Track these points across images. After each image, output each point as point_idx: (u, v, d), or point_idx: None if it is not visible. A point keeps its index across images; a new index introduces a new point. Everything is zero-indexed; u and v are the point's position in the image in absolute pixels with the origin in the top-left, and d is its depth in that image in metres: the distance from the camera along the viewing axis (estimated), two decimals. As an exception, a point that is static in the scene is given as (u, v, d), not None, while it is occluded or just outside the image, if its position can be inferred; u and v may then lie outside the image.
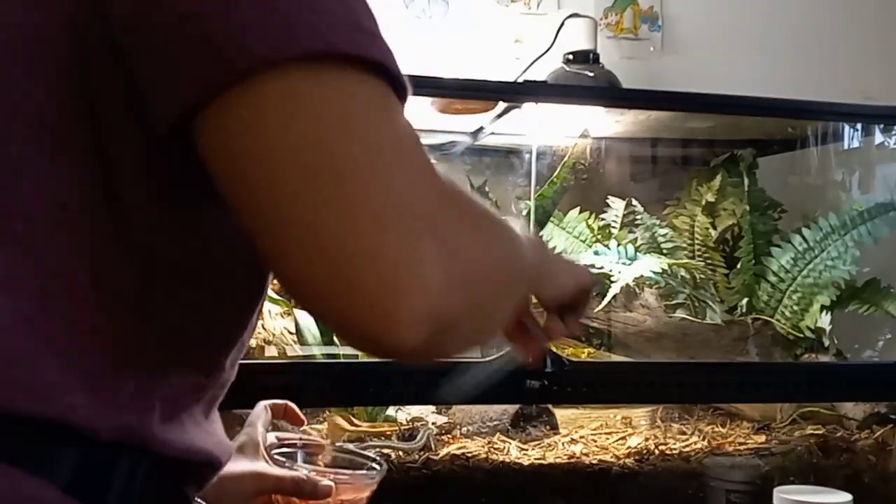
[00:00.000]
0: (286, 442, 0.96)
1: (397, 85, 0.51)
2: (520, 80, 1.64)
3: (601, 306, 1.55)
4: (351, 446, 1.08)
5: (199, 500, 0.70)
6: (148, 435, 0.56)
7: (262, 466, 0.88)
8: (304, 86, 0.47)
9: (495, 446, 1.40)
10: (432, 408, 1.48)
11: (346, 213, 0.46)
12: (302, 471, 0.90)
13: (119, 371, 0.54)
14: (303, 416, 1.00)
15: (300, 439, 0.98)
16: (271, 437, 0.95)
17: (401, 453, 1.33)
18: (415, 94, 0.54)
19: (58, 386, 0.52)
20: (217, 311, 0.61)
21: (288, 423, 1.01)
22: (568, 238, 1.70)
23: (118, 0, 0.50)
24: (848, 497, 1.10)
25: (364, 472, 0.95)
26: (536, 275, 0.71)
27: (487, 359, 1.32)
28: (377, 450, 1.32)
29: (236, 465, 0.84)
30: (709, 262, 1.67)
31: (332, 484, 0.89)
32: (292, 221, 0.47)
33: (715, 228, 1.70)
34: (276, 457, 0.91)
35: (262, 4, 0.48)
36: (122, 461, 0.55)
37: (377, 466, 0.96)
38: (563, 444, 1.43)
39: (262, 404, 0.97)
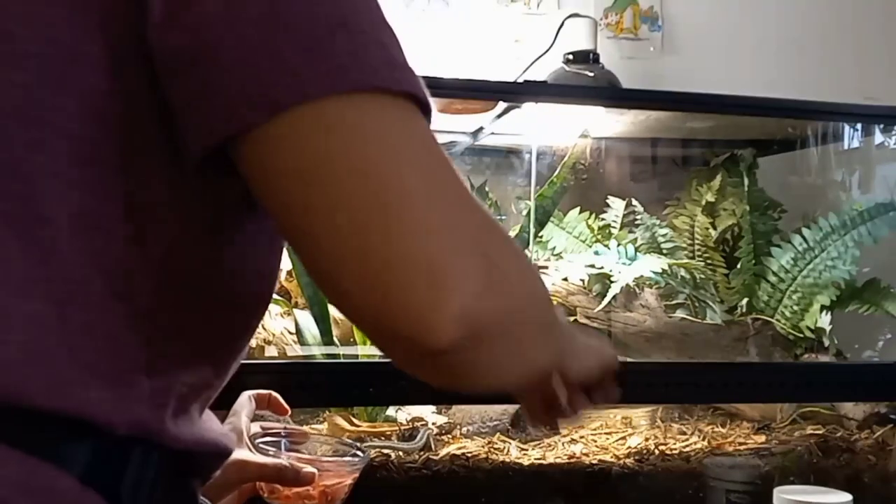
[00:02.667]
0: (270, 431, 0.97)
1: (425, 109, 0.54)
2: (520, 80, 1.64)
3: (601, 306, 1.56)
4: (336, 438, 1.08)
5: (203, 498, 0.71)
6: (161, 430, 0.58)
7: (244, 455, 0.90)
8: (348, 113, 0.50)
9: (495, 446, 1.40)
10: (432, 408, 1.48)
11: (399, 224, 0.49)
12: (285, 458, 0.91)
13: (133, 372, 0.56)
14: (286, 406, 1.01)
15: (284, 429, 0.99)
16: (255, 427, 0.96)
17: (401, 453, 1.33)
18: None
19: (74, 383, 0.54)
20: (229, 318, 0.62)
21: (272, 412, 1.02)
22: (568, 238, 1.70)
23: (160, 35, 0.52)
24: (848, 497, 1.10)
25: (347, 458, 0.96)
26: (568, 347, 0.72)
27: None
28: (377, 450, 1.32)
29: None
30: (709, 262, 1.67)
31: (314, 471, 0.90)
32: (339, 230, 0.49)
33: (715, 228, 1.70)
34: (260, 445, 0.91)
35: (308, 49, 0.50)
36: (135, 455, 0.57)
37: (360, 453, 0.97)
38: (562, 444, 1.43)
39: (247, 394, 0.98)
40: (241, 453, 0.89)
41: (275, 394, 1.01)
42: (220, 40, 0.50)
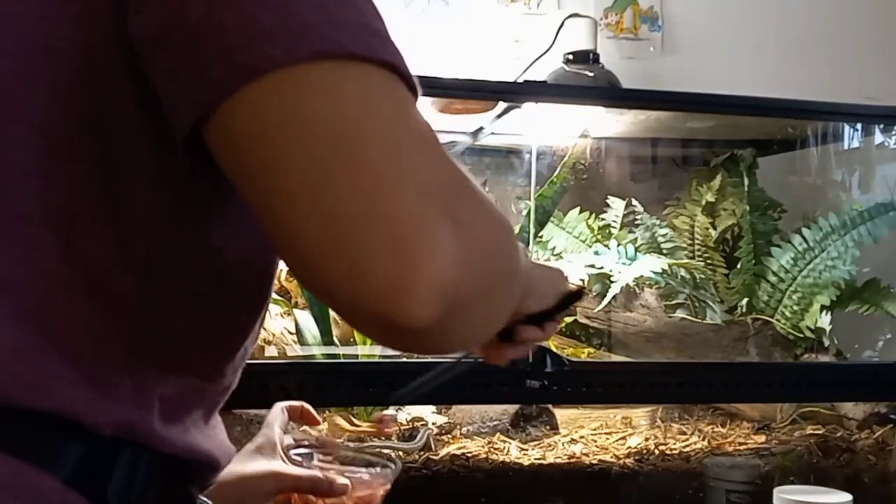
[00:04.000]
0: (302, 442, 0.98)
1: (408, 84, 0.52)
2: (520, 80, 1.64)
3: (601, 306, 1.56)
4: (365, 448, 1.08)
5: (203, 498, 0.71)
6: (148, 431, 0.57)
7: (279, 466, 0.90)
8: (319, 77, 0.48)
9: (495, 446, 1.40)
10: (432, 408, 1.48)
11: (361, 181, 0.46)
12: (318, 470, 0.91)
13: (116, 370, 0.56)
14: (318, 418, 1.02)
15: (316, 439, 1.00)
16: (287, 439, 0.96)
17: (401, 453, 1.33)
18: (415, 93, 0.55)
19: (57, 381, 0.53)
20: (217, 319, 0.61)
21: (304, 423, 1.02)
22: (568, 238, 1.70)
23: (137, 20, 0.51)
24: (848, 497, 1.10)
25: (378, 470, 0.97)
26: (528, 285, 0.68)
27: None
28: (377, 449, 1.32)
29: (255, 466, 0.87)
30: (709, 262, 1.68)
31: (347, 482, 0.91)
32: (308, 195, 0.46)
33: (715, 228, 1.70)
34: (293, 456, 0.92)
35: (280, 15, 0.48)
36: (123, 456, 0.56)
37: (391, 465, 0.97)
38: (562, 444, 1.43)
39: (279, 406, 0.98)
40: (276, 464, 0.90)
41: (307, 405, 1.01)
42: (191, 13, 0.49)
